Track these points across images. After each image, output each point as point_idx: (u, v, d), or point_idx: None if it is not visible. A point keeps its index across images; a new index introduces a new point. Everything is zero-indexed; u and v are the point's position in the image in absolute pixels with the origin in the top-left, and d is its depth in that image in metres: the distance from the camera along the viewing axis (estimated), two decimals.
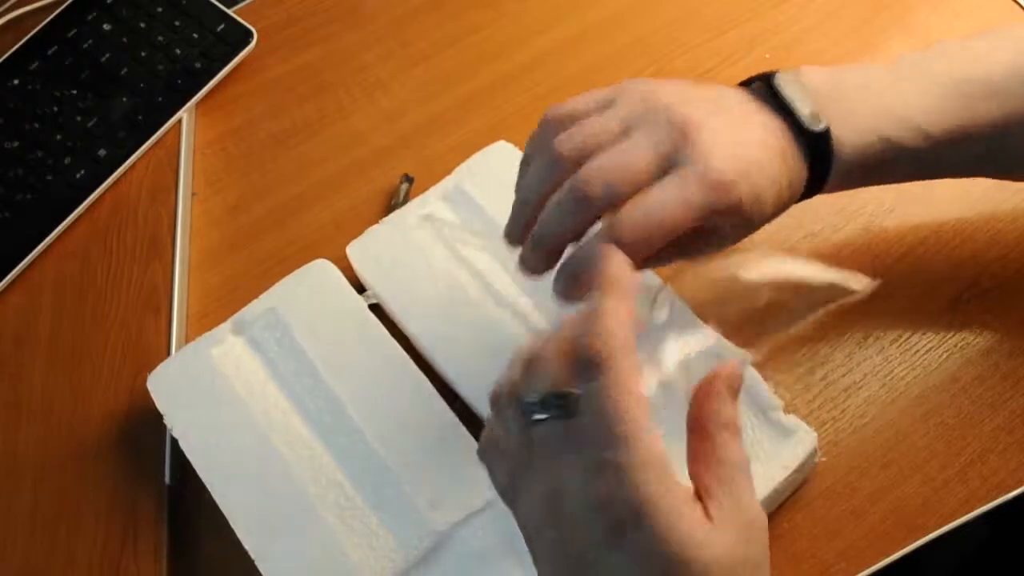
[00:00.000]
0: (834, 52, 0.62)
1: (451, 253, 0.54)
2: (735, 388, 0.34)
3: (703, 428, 0.33)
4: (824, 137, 0.40)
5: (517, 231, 0.41)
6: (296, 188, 0.62)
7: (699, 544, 0.29)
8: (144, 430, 0.52)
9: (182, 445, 0.49)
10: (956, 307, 0.51)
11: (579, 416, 0.30)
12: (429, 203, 0.56)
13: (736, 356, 0.42)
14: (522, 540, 0.45)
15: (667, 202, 0.36)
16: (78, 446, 0.53)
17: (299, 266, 0.54)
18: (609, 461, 0.29)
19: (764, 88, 0.42)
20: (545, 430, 0.31)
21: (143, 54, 0.66)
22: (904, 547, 0.45)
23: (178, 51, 0.66)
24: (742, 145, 0.38)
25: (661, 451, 0.29)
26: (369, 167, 0.62)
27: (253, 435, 0.49)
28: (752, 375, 0.47)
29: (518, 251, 0.53)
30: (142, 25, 0.67)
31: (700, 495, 0.31)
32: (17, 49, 0.67)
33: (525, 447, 0.32)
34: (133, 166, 0.63)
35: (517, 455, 0.32)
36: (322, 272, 0.54)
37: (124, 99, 0.64)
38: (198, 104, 0.66)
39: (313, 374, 0.50)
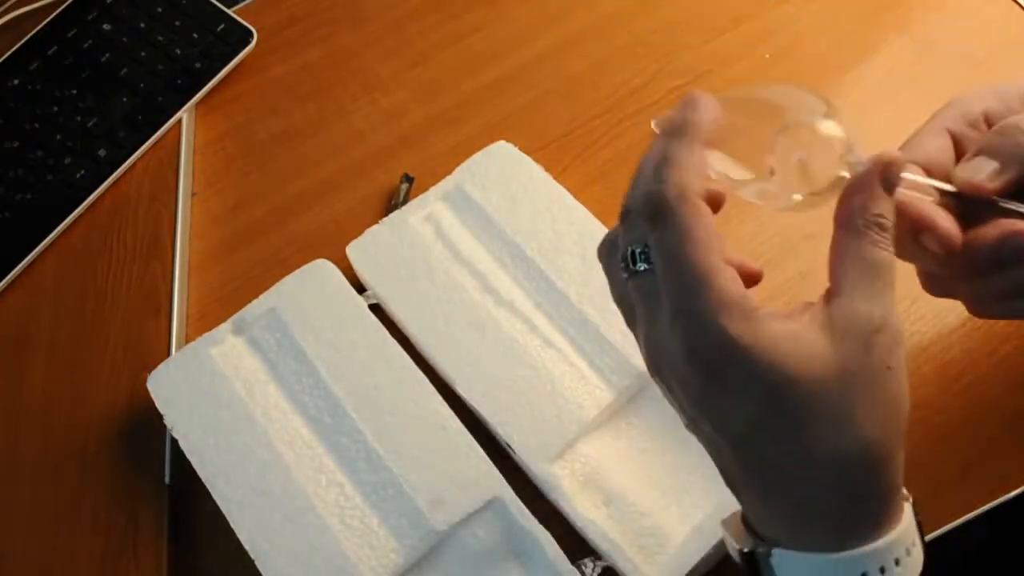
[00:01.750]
0: (834, 52, 0.62)
1: (451, 253, 0.54)
2: (892, 182, 0.31)
3: (846, 223, 0.31)
4: None
5: None
6: (296, 188, 0.62)
7: (802, 361, 0.28)
8: (144, 430, 0.52)
9: (182, 445, 0.49)
10: (956, 307, 0.51)
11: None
12: (429, 203, 0.56)
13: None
14: (521, 540, 0.45)
15: None
16: (78, 446, 0.53)
17: (299, 266, 0.54)
18: (685, 310, 0.29)
19: None
20: (639, 280, 0.31)
21: (143, 54, 0.66)
22: None
23: (178, 51, 0.66)
24: None
25: (735, 289, 0.28)
26: (369, 167, 0.62)
27: (253, 435, 0.49)
28: None
29: (517, 251, 0.53)
30: (142, 25, 0.67)
31: (829, 294, 0.30)
32: (17, 49, 0.67)
33: (632, 294, 0.32)
34: (133, 166, 0.63)
35: (627, 302, 0.32)
36: (322, 272, 0.54)
37: (124, 99, 0.64)
38: (198, 104, 0.66)
39: (313, 374, 0.50)
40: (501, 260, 0.53)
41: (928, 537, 0.45)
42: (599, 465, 0.47)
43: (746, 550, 0.31)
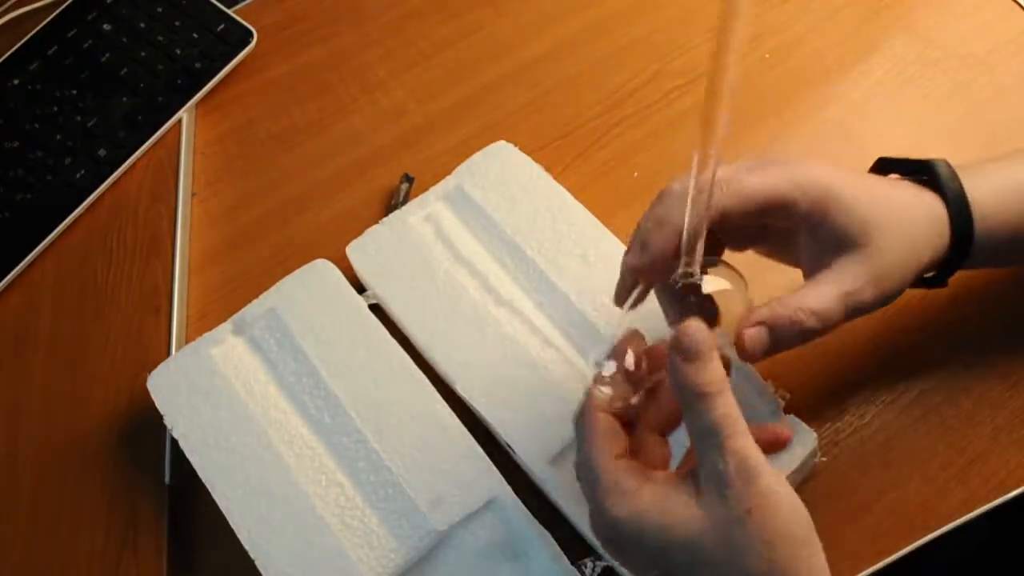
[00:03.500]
0: (834, 52, 0.62)
1: (451, 253, 0.54)
2: (691, 351, 0.35)
3: (679, 400, 0.35)
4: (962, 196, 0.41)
5: None
6: (296, 188, 0.62)
7: (674, 526, 0.33)
8: (144, 430, 0.52)
9: (182, 445, 0.49)
10: (956, 306, 0.51)
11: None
12: (429, 203, 0.56)
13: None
14: (521, 540, 0.45)
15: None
16: (78, 446, 0.53)
17: (299, 266, 0.54)
18: (592, 499, 0.36)
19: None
20: (582, 487, 0.38)
21: (143, 54, 0.66)
22: (904, 547, 0.45)
23: (178, 51, 0.66)
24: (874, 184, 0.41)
25: (614, 479, 0.35)
26: (369, 167, 0.62)
27: (253, 435, 0.49)
28: (752, 376, 0.47)
29: (517, 251, 0.53)
30: (142, 25, 0.67)
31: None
32: (17, 49, 0.67)
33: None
34: (133, 166, 0.63)
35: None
36: (322, 272, 0.54)
37: (124, 99, 0.64)
38: (198, 104, 0.66)
39: (313, 374, 0.50)
40: (501, 260, 0.53)
41: (928, 537, 0.45)
42: None
43: None
